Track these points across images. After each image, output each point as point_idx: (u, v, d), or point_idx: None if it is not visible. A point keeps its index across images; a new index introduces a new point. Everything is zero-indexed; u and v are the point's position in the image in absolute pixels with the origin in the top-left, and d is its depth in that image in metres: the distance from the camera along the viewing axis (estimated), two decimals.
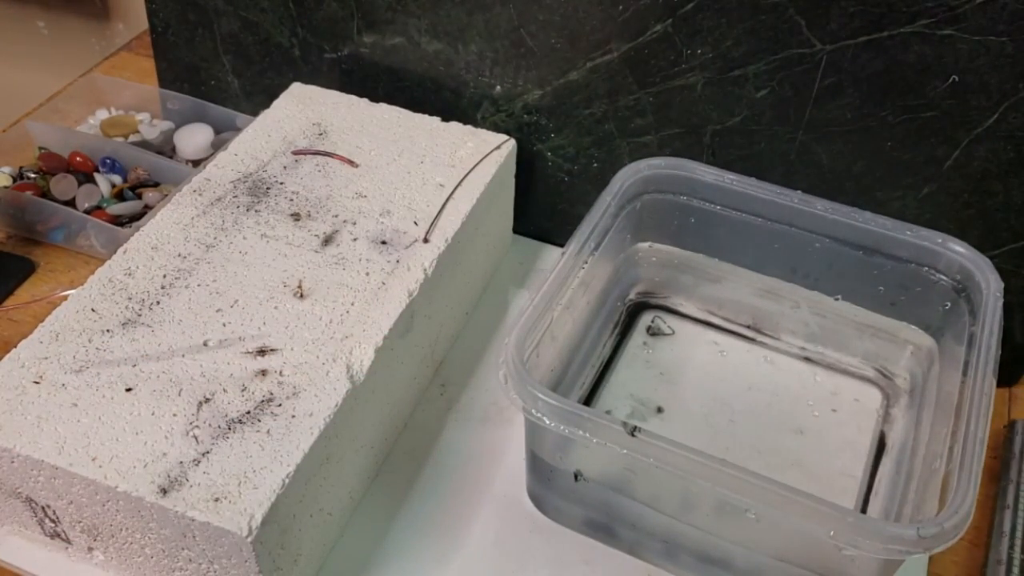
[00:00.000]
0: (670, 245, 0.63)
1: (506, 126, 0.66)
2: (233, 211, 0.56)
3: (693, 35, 0.56)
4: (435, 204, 0.57)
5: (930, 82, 0.53)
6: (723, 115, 0.59)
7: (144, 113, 0.79)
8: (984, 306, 0.51)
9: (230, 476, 0.42)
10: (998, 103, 0.52)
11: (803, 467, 0.56)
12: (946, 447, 0.45)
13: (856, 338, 0.61)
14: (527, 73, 0.63)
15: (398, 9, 0.63)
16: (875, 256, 0.56)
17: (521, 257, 0.70)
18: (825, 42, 0.54)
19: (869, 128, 0.56)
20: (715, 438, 0.57)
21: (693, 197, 0.59)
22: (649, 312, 0.65)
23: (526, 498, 0.54)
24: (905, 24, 0.52)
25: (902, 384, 0.60)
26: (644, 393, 0.59)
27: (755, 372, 0.61)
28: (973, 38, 0.51)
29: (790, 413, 0.59)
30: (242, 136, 0.63)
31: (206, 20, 0.71)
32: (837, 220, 0.56)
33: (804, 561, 0.46)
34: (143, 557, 0.46)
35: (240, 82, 0.74)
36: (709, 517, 0.47)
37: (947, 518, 0.40)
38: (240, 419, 0.45)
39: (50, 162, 0.70)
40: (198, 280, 0.51)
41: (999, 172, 0.55)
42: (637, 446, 0.43)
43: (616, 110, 0.62)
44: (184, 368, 0.47)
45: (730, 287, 0.63)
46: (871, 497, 0.54)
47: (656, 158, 0.59)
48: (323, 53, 0.69)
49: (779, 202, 0.57)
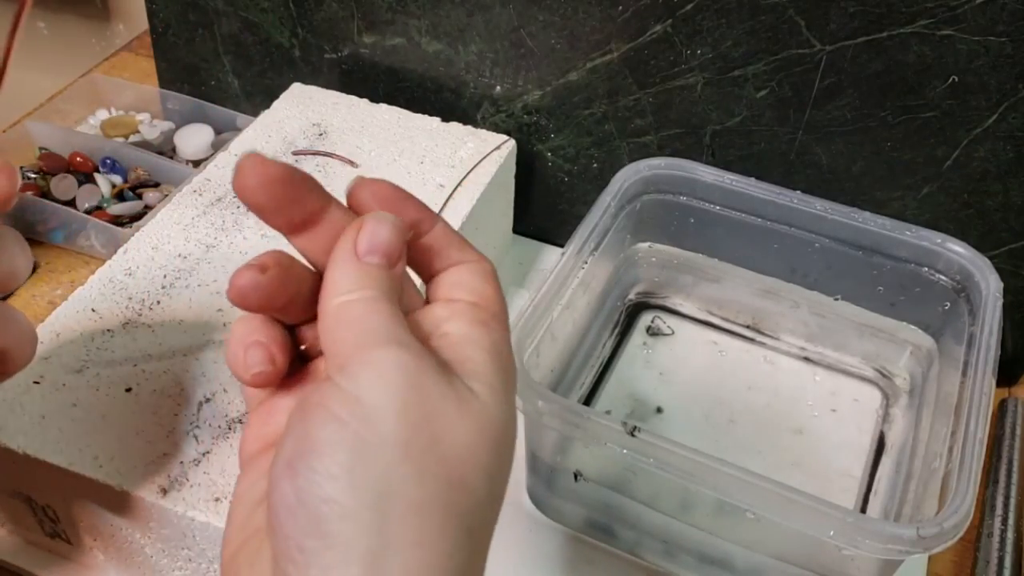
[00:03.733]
0: (670, 245, 0.63)
1: (506, 126, 0.66)
2: (233, 211, 0.56)
3: (693, 35, 0.56)
4: (435, 204, 0.57)
5: (930, 82, 0.53)
6: (723, 115, 0.59)
7: (144, 113, 0.79)
8: (984, 306, 0.51)
9: (231, 476, 0.42)
10: (998, 103, 0.52)
11: (802, 467, 0.56)
12: (946, 447, 0.45)
13: (856, 338, 0.61)
14: (527, 73, 0.63)
15: (398, 10, 0.63)
16: (875, 256, 0.56)
17: (521, 257, 0.70)
18: (825, 42, 0.54)
19: (869, 128, 0.56)
20: (715, 438, 0.57)
21: (693, 197, 0.59)
22: (649, 312, 0.65)
23: (526, 498, 0.54)
24: (905, 24, 0.52)
25: (902, 384, 0.60)
26: (644, 393, 0.59)
27: (754, 372, 0.61)
28: (973, 38, 0.51)
29: (789, 413, 0.59)
30: (242, 136, 0.63)
31: (206, 20, 0.71)
32: (837, 220, 0.56)
33: (804, 561, 0.46)
34: (143, 557, 0.46)
35: (240, 82, 0.74)
36: (709, 517, 0.47)
37: (947, 518, 0.40)
38: (240, 419, 0.45)
39: (50, 162, 0.70)
40: (198, 280, 0.51)
41: (999, 172, 0.55)
42: (637, 446, 0.43)
43: (616, 110, 0.62)
44: (185, 368, 0.47)
45: (730, 287, 0.63)
46: (871, 497, 0.54)
47: (656, 158, 0.59)
48: (323, 53, 0.69)
49: (779, 202, 0.57)
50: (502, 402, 0.27)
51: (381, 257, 0.27)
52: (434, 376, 0.26)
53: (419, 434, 0.25)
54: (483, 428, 0.26)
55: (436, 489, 0.25)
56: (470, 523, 0.25)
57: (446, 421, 0.25)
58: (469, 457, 0.25)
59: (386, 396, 0.25)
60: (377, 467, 0.24)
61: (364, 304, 0.27)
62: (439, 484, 0.25)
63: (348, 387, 0.25)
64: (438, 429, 0.25)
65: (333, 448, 0.24)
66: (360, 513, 0.24)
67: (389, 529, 0.24)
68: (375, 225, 0.28)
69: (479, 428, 0.26)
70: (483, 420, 0.26)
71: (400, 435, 0.24)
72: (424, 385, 0.25)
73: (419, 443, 0.25)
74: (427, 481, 0.24)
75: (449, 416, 0.25)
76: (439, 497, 0.25)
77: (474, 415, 0.26)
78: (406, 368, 0.25)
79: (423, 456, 0.25)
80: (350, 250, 0.27)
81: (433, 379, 0.26)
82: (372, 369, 0.25)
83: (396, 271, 0.28)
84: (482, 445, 0.26)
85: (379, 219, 0.28)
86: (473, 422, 0.26)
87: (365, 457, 0.24)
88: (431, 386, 0.25)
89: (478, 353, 0.28)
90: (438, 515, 0.24)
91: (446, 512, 0.25)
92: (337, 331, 0.26)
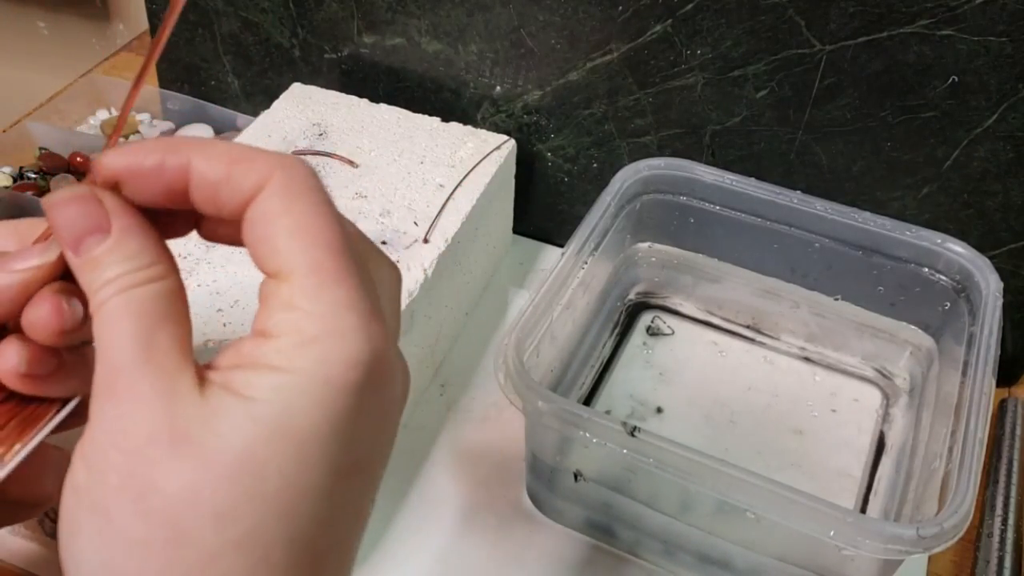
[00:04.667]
0: (670, 245, 0.63)
1: (506, 126, 0.66)
2: None
3: (693, 35, 0.56)
4: (435, 204, 0.57)
5: (930, 82, 0.53)
6: (723, 115, 0.59)
7: (144, 113, 0.79)
8: (984, 306, 0.51)
9: None
10: (998, 103, 0.52)
11: (802, 467, 0.56)
12: (945, 447, 0.45)
13: (855, 338, 0.61)
14: (527, 73, 0.63)
15: (398, 10, 0.63)
16: (874, 256, 0.56)
17: (521, 257, 0.70)
18: (825, 42, 0.54)
19: (869, 128, 0.56)
20: (715, 438, 0.57)
21: (693, 197, 0.59)
22: (649, 312, 0.65)
23: (526, 498, 0.54)
24: (905, 24, 0.52)
25: (901, 384, 0.60)
26: (644, 393, 0.59)
27: (754, 372, 0.61)
28: (973, 38, 0.51)
29: (789, 413, 0.59)
30: (242, 136, 0.63)
31: (206, 20, 0.71)
32: (836, 220, 0.56)
33: (804, 561, 0.46)
34: None
35: (240, 82, 0.74)
36: (709, 517, 0.47)
37: (947, 518, 0.40)
38: None
39: (50, 162, 0.70)
40: (198, 280, 0.51)
41: (999, 172, 0.55)
42: (637, 446, 0.43)
43: (616, 110, 0.62)
44: None
45: (730, 287, 0.63)
46: (870, 497, 0.54)
47: (656, 158, 0.59)
48: (323, 53, 0.69)
49: (779, 202, 0.57)
50: (258, 420, 0.22)
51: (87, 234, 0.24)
52: (146, 415, 0.22)
53: (120, 497, 0.22)
54: (208, 464, 0.21)
55: (145, 555, 0.21)
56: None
57: (153, 470, 0.22)
58: (189, 505, 0.21)
59: (95, 459, 0.22)
60: (92, 539, 0.22)
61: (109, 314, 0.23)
62: (149, 549, 0.21)
63: (79, 445, 0.23)
64: (144, 483, 0.22)
65: (65, 512, 0.23)
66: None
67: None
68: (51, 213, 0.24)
69: (200, 466, 0.21)
70: (210, 454, 0.22)
71: (105, 503, 0.22)
72: (129, 433, 0.22)
73: (121, 508, 0.22)
74: (136, 549, 0.21)
75: (158, 463, 0.22)
76: (150, 563, 0.21)
77: (196, 451, 0.22)
78: (115, 418, 0.22)
79: (127, 522, 0.21)
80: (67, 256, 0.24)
81: (144, 420, 0.22)
82: (90, 429, 0.23)
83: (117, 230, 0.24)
84: (206, 485, 0.21)
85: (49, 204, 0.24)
86: (192, 460, 0.21)
87: (81, 529, 0.22)
88: (138, 431, 0.22)
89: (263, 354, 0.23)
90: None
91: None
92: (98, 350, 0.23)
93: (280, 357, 0.22)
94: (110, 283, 0.23)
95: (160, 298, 0.24)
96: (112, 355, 0.23)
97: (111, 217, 0.24)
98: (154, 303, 0.24)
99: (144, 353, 0.22)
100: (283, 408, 0.22)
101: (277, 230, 0.23)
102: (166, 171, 0.24)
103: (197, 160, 0.24)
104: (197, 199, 0.24)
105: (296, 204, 0.23)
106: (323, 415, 0.22)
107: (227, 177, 0.24)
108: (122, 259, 0.24)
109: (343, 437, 0.22)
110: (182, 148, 0.24)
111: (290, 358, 0.22)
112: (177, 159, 0.24)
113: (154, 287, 0.24)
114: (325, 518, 0.22)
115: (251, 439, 0.22)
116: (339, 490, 0.23)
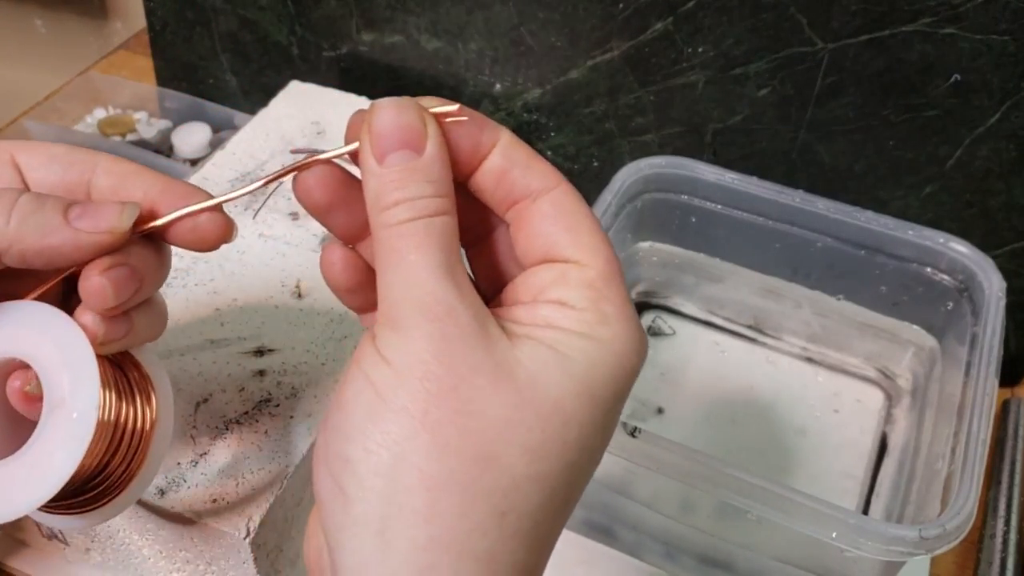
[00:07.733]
0: (671, 245, 0.63)
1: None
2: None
3: (694, 33, 0.56)
4: None
5: (932, 81, 0.53)
6: (724, 114, 0.59)
7: (142, 112, 0.79)
8: (986, 306, 0.51)
9: (228, 477, 0.42)
10: (1000, 102, 0.52)
11: (804, 468, 0.55)
12: (948, 448, 0.45)
13: (858, 338, 0.61)
14: (527, 71, 0.62)
15: (397, 7, 0.63)
16: (877, 256, 0.56)
17: None
18: (827, 40, 0.54)
19: (871, 127, 0.56)
20: (716, 439, 0.57)
21: (694, 196, 0.59)
22: (650, 312, 0.65)
23: None
24: (907, 22, 0.51)
25: (904, 385, 0.60)
26: (644, 393, 0.59)
27: (756, 372, 0.61)
28: (975, 37, 0.50)
29: (791, 414, 0.59)
30: (240, 135, 0.62)
31: (204, 18, 0.71)
32: (839, 219, 0.56)
33: (805, 563, 0.46)
34: (140, 558, 0.46)
35: (238, 80, 0.74)
36: (710, 518, 0.47)
37: (949, 519, 0.40)
38: (238, 420, 0.45)
39: None
40: (196, 280, 0.51)
41: (1001, 171, 0.55)
42: (638, 447, 0.42)
43: (617, 109, 0.61)
44: (182, 368, 0.47)
45: (731, 287, 0.63)
46: (873, 498, 0.54)
47: (657, 157, 0.59)
48: (322, 51, 0.68)
49: (780, 201, 0.57)
50: (572, 376, 0.24)
51: (400, 147, 0.25)
52: (470, 344, 0.24)
53: (440, 405, 0.23)
54: (525, 403, 0.24)
55: (456, 464, 0.23)
56: (501, 504, 0.23)
57: (476, 394, 0.23)
58: (502, 433, 0.23)
59: (409, 363, 0.24)
60: (391, 434, 0.23)
61: (412, 234, 0.24)
62: (461, 459, 0.23)
63: (380, 346, 0.24)
64: (466, 401, 0.23)
65: (353, 407, 0.24)
66: (369, 478, 0.23)
67: (399, 499, 0.23)
68: (375, 116, 0.25)
69: (518, 403, 0.24)
70: (527, 395, 0.24)
71: (418, 404, 0.23)
72: (454, 354, 0.24)
73: (438, 414, 0.23)
74: (445, 455, 0.23)
75: (481, 389, 0.24)
76: (459, 472, 0.23)
77: (515, 389, 0.24)
78: (438, 336, 0.24)
79: (442, 428, 0.23)
80: (367, 160, 0.25)
81: (468, 348, 0.24)
82: (402, 335, 0.24)
83: (428, 155, 0.25)
84: (521, 421, 0.24)
85: (377, 107, 0.25)
86: (511, 396, 0.24)
87: (380, 422, 0.23)
88: (463, 356, 0.24)
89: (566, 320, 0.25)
90: (456, 491, 0.23)
91: (467, 489, 0.23)
92: (386, 272, 0.25)
93: (586, 327, 0.25)
94: (408, 203, 0.24)
95: (455, 234, 0.25)
96: (418, 275, 0.24)
97: (427, 139, 0.25)
98: (452, 238, 0.25)
99: (454, 285, 0.24)
100: (590, 371, 0.25)
101: (581, 220, 0.26)
102: (482, 147, 0.27)
103: (505, 140, 0.27)
104: (481, 170, 0.27)
105: (585, 208, 0.27)
106: (614, 389, 0.25)
107: (526, 163, 0.27)
108: (425, 182, 0.25)
109: (615, 414, 0.26)
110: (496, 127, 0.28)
111: (594, 329, 0.25)
112: (491, 137, 0.27)
113: (451, 220, 0.25)
114: (587, 476, 0.26)
115: (563, 391, 0.24)
116: (599, 456, 0.26)
